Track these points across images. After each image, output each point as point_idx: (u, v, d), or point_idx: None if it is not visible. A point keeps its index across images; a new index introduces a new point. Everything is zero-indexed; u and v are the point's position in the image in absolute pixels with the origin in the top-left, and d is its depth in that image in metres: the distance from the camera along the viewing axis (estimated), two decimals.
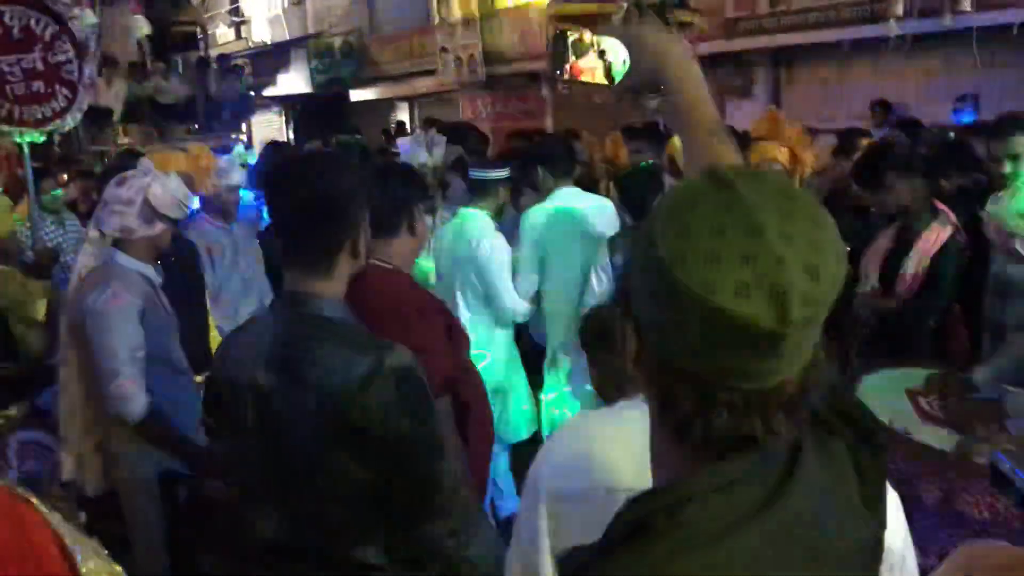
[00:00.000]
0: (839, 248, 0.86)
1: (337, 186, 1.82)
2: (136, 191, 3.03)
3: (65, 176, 6.32)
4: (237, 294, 4.43)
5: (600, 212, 4.22)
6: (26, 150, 4.99)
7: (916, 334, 3.70)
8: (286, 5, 22.18)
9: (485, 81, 14.19)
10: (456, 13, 14.59)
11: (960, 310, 3.90)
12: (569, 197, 4.27)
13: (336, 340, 1.75)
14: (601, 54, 1.42)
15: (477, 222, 4.14)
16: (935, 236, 3.70)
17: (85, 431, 3.17)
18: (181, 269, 3.87)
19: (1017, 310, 3.41)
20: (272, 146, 7.17)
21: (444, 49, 14.61)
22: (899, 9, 6.23)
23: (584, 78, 1.45)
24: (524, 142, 7.03)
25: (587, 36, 1.43)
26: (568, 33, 1.44)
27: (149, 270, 3.13)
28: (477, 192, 4.27)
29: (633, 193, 4.06)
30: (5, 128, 4.93)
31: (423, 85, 15.86)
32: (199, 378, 3.29)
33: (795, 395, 0.88)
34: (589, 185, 5.76)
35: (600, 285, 3.91)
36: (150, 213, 3.04)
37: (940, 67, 7.34)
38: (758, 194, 0.84)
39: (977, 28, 5.54)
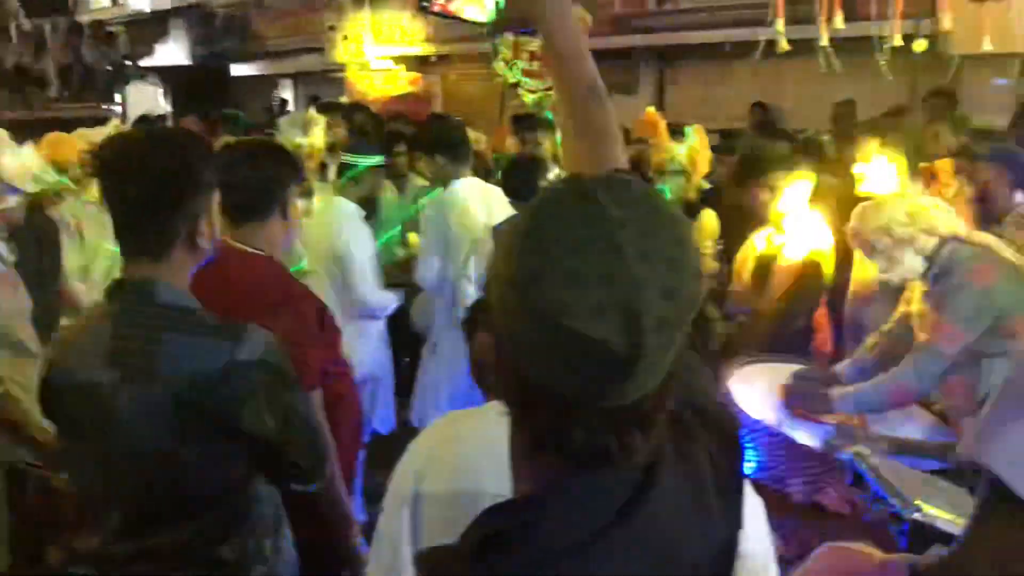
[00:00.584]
0: (698, 267, 0.84)
1: (173, 169, 1.69)
2: None
3: None
4: (105, 275, 4.23)
5: (502, 203, 4.16)
6: None
7: (786, 332, 3.81)
8: None
9: (372, 62, 13.94)
10: None
11: (827, 308, 4.05)
12: (470, 187, 4.20)
13: (181, 328, 1.65)
14: None
15: (340, 209, 4.02)
16: (807, 238, 3.82)
17: None
18: (36, 245, 3.65)
19: (876, 312, 3.56)
20: (141, 120, 6.86)
21: (332, 27, 14.27)
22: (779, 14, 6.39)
23: (452, 11, 1.38)
24: (404, 125, 6.92)
25: None
26: None
27: (1, 247, 2.93)
28: (345, 177, 4.15)
29: (517, 182, 4.05)
30: None
31: (309, 63, 15.47)
32: None
33: (652, 410, 0.87)
34: (480, 175, 5.72)
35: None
36: (10, 179, 2.84)
37: (816, 73, 7.61)
38: (621, 208, 0.81)
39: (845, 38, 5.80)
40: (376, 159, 4.16)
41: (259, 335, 1.67)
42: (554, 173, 4.10)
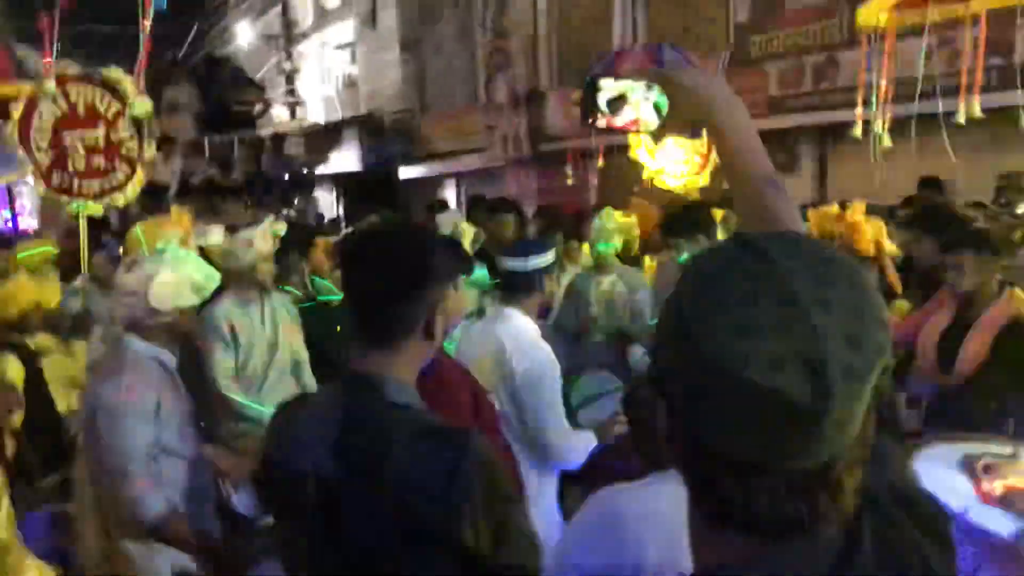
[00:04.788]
0: (882, 314, 0.80)
1: (413, 258, 1.72)
2: (140, 280, 2.88)
3: (121, 249, 6.48)
4: (262, 370, 4.28)
5: None
6: (83, 222, 5.15)
7: (977, 415, 3.57)
8: (340, 87, 22.90)
9: (531, 158, 14.37)
10: (502, 94, 14.90)
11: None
12: None
13: (410, 430, 1.62)
14: (621, 99, 1.35)
15: (513, 325, 3.14)
16: (999, 313, 3.61)
17: (99, 529, 2.95)
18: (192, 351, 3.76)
19: None
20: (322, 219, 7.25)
21: (490, 127, 14.87)
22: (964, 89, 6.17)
23: (616, 123, 1.38)
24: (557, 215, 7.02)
25: (620, 84, 1.36)
26: (599, 81, 1.37)
27: (165, 355, 2.96)
28: (510, 287, 3.31)
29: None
30: (65, 199, 5.11)
31: (470, 162, 16.11)
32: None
33: (843, 476, 0.81)
34: (632, 260, 5.76)
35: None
36: (158, 303, 2.88)
37: (987, 144, 7.26)
38: (791, 259, 0.79)
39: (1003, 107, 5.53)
40: (544, 259, 3.31)
41: (480, 442, 1.63)
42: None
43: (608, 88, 1.36)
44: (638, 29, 13.24)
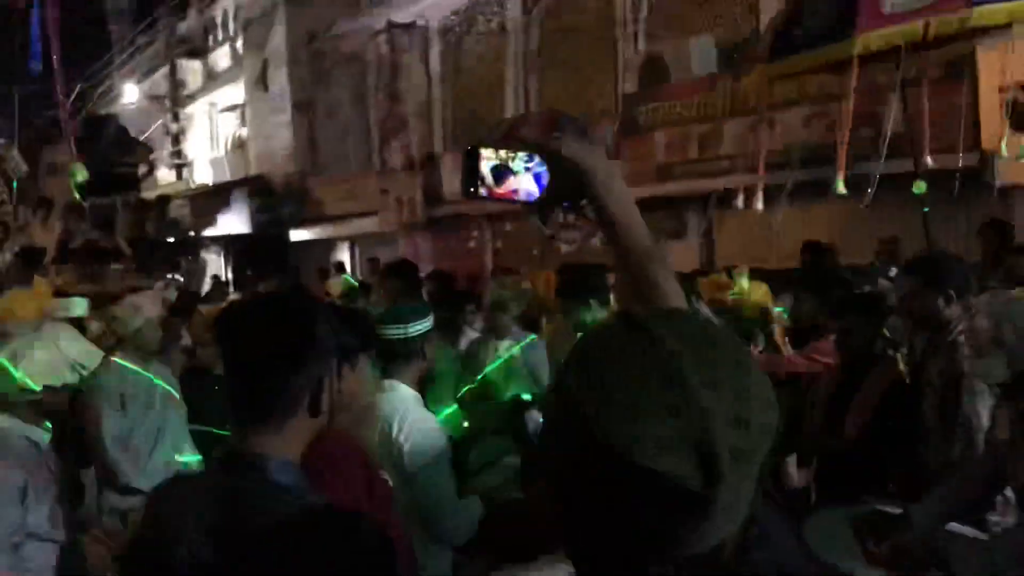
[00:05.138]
0: (769, 395, 0.79)
1: (299, 330, 1.63)
2: (9, 357, 2.72)
3: None
4: (149, 440, 4.11)
5: None
6: None
7: (864, 476, 3.65)
8: (229, 148, 22.55)
9: (426, 221, 14.40)
10: (397, 158, 14.97)
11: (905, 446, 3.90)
12: None
13: (294, 514, 1.52)
14: (505, 168, 1.31)
15: (396, 397, 2.94)
16: (882, 376, 3.72)
17: None
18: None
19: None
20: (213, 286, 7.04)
21: (384, 190, 14.86)
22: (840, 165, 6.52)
23: (498, 192, 1.35)
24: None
25: (501, 153, 1.32)
26: (480, 150, 1.33)
27: (36, 432, 2.79)
28: (390, 356, 3.03)
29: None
30: None
31: (364, 225, 16.02)
32: None
33: (732, 560, 0.80)
34: (529, 324, 5.75)
35: None
36: (31, 381, 2.72)
37: (865, 210, 7.67)
38: (676, 338, 0.78)
39: (898, 174, 5.85)
40: (423, 324, 3.09)
41: (369, 527, 1.56)
42: None
43: (489, 157, 1.33)
44: (530, 96, 13.54)
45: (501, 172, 1.32)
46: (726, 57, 10.39)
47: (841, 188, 4.50)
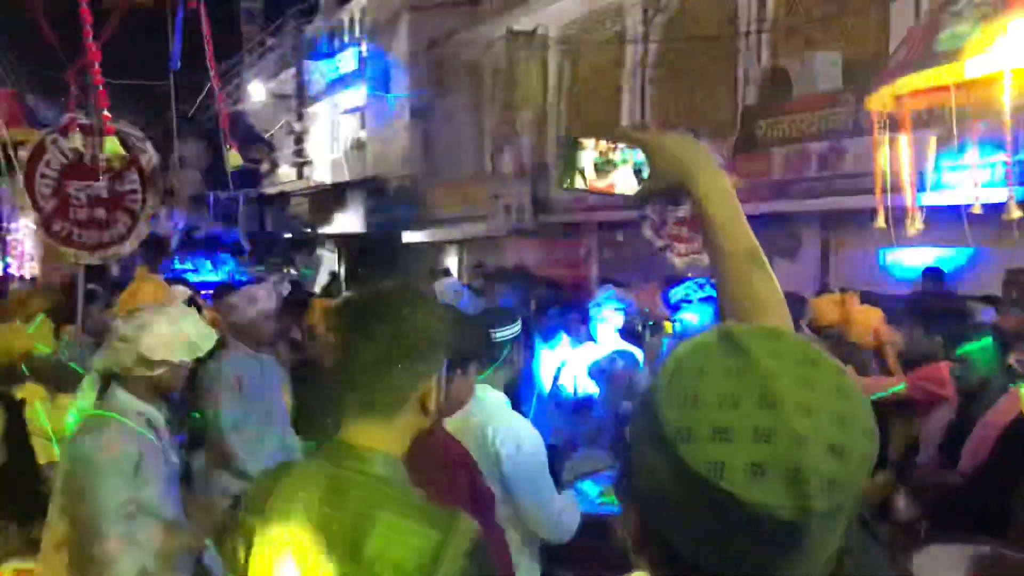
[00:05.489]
0: (868, 423, 0.75)
1: (420, 329, 1.64)
2: (136, 328, 2.82)
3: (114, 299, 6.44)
4: (261, 425, 4.25)
5: None
6: (80, 273, 5.11)
7: (981, 513, 3.48)
8: (347, 149, 23.18)
9: (534, 228, 14.46)
10: (509, 164, 15.08)
11: None
12: None
13: (395, 508, 1.54)
14: (608, 163, 1.29)
15: (488, 402, 2.87)
16: (1003, 411, 3.54)
17: None
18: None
19: None
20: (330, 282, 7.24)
21: (495, 196, 15.00)
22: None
23: (597, 186, 1.32)
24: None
25: (601, 144, 1.30)
26: (581, 143, 1.31)
27: (151, 409, 2.87)
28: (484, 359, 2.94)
29: None
30: (62, 249, 5.08)
31: (473, 230, 16.20)
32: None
33: None
34: (630, 336, 5.70)
35: None
36: (147, 354, 2.81)
37: (993, 237, 7.29)
38: (775, 359, 0.74)
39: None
40: (511, 330, 3.08)
41: (469, 526, 1.57)
42: None
43: (590, 148, 1.31)
44: (646, 107, 13.42)
45: (601, 165, 1.31)
46: (852, 74, 10.05)
47: (1015, 212, 4.14)
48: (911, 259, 8.91)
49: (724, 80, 12.08)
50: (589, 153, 1.31)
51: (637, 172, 1.29)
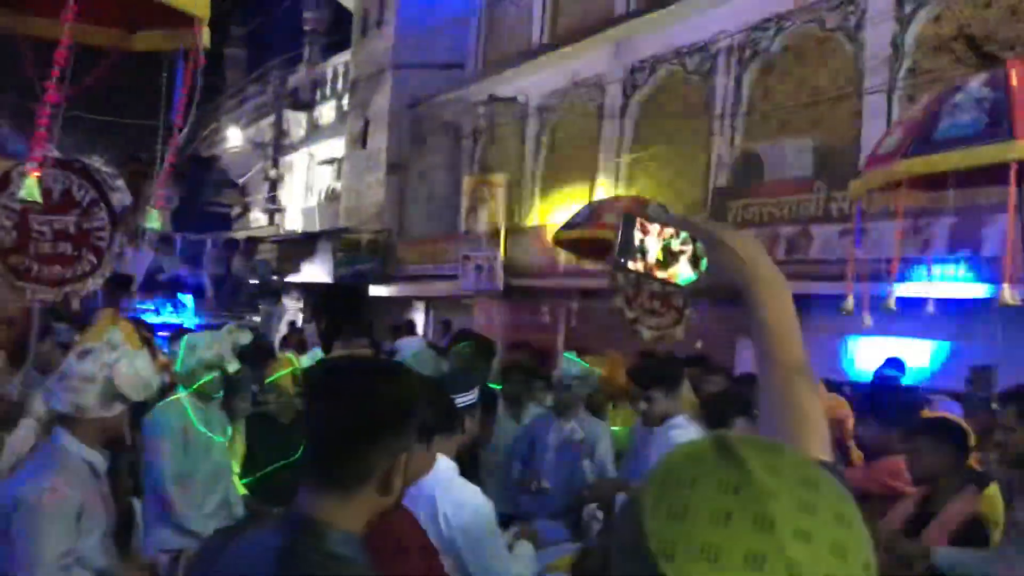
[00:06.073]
0: (868, 555, 0.71)
1: (395, 403, 1.57)
2: (100, 367, 2.74)
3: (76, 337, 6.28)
4: (205, 484, 4.10)
5: None
6: (35, 307, 4.99)
7: None
8: (321, 199, 23.17)
9: (502, 292, 14.45)
10: (482, 226, 15.14)
11: None
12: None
13: None
14: (672, 253, 1.26)
15: (439, 470, 2.73)
16: (960, 508, 3.52)
17: None
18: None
19: None
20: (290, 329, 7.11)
21: (466, 257, 15.01)
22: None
23: (658, 274, 1.27)
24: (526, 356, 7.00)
25: (666, 232, 1.26)
26: (644, 226, 1.27)
27: (96, 457, 2.77)
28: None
29: None
30: (19, 284, 4.96)
31: (442, 288, 16.17)
32: None
33: None
34: (595, 409, 5.65)
35: None
36: (111, 393, 2.73)
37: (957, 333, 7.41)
38: (773, 475, 0.70)
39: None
40: (469, 397, 3.04)
41: None
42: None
43: (654, 233, 1.27)
44: (620, 179, 13.58)
45: (666, 254, 1.27)
46: (823, 161, 10.26)
47: (1010, 298, 4.13)
48: (874, 350, 9.00)
49: (697, 160, 12.28)
50: (653, 240, 1.28)
51: (694, 261, 1.26)
